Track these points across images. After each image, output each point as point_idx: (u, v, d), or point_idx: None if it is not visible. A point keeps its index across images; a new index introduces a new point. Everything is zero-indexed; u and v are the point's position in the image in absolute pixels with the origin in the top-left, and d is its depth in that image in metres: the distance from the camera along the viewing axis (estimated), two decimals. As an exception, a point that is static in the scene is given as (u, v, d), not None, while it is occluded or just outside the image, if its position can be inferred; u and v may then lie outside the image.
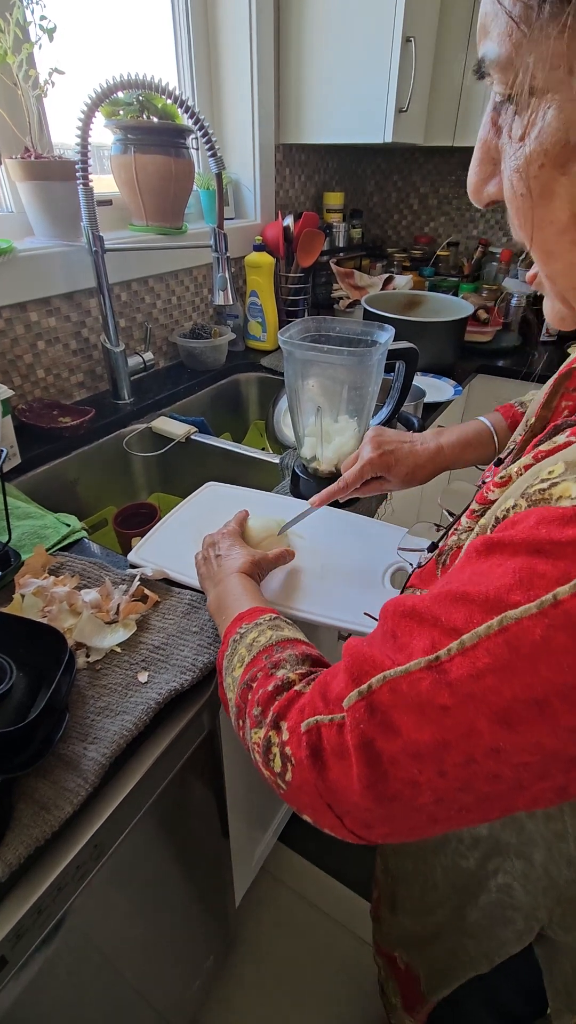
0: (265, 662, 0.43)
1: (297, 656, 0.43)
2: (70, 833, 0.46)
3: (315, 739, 0.35)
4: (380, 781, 0.31)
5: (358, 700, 0.32)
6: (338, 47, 1.36)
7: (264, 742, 0.38)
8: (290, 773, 0.36)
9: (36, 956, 0.47)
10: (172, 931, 0.76)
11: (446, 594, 0.31)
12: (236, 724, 0.44)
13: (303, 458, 0.86)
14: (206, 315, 1.47)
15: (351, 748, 0.32)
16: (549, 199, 0.28)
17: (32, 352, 1.06)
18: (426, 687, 0.29)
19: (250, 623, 0.49)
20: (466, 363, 1.53)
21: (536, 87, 0.26)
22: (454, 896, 0.57)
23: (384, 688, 0.31)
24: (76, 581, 0.65)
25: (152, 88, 0.91)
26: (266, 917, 1.15)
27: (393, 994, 0.78)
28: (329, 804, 0.35)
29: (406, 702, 0.30)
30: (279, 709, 0.39)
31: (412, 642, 0.31)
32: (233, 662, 0.46)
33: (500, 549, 0.30)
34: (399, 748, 0.30)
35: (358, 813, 0.33)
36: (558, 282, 0.33)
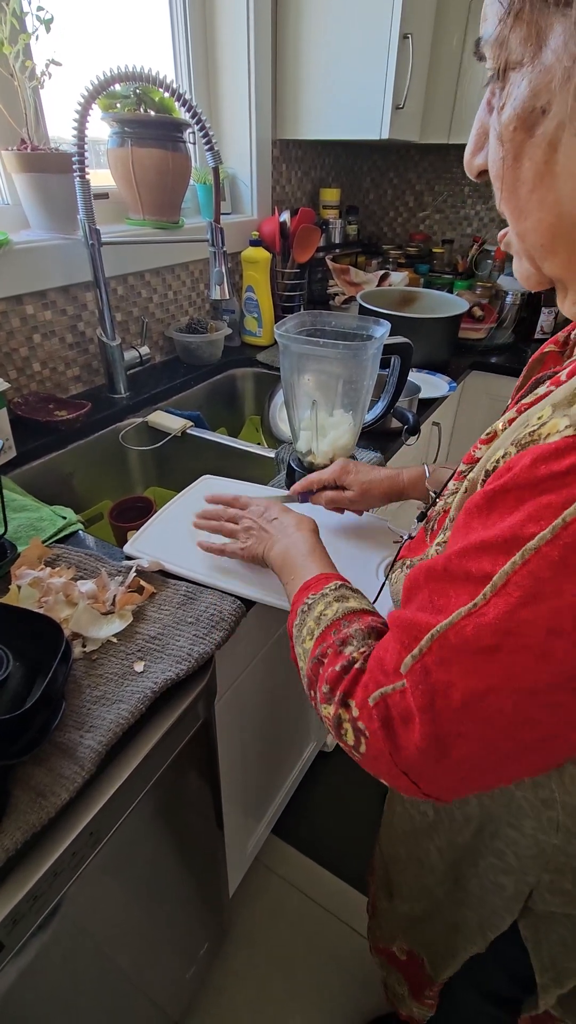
0: (333, 638, 0.45)
1: (363, 631, 0.45)
2: (66, 820, 0.46)
3: (383, 710, 0.36)
4: (442, 739, 0.33)
5: (413, 663, 0.34)
6: (335, 43, 1.36)
7: (335, 719, 0.41)
8: (364, 745, 0.38)
9: (32, 942, 0.48)
10: (167, 920, 0.77)
11: (467, 547, 0.32)
12: (308, 693, 0.47)
13: (298, 452, 0.86)
14: (202, 310, 1.47)
15: (415, 710, 0.34)
16: (520, 160, 0.32)
17: (28, 345, 1.05)
18: (470, 633, 0.31)
19: (316, 593, 0.50)
20: (460, 360, 1.54)
21: (512, 61, 0.30)
22: (452, 872, 0.58)
23: (434, 646, 0.33)
24: (72, 572, 0.66)
25: (149, 81, 0.91)
26: (260, 907, 1.16)
27: (398, 984, 0.79)
28: (404, 771, 0.36)
29: (455, 653, 0.32)
30: (345, 687, 0.41)
31: (450, 598, 0.33)
32: (303, 633, 0.48)
33: (503, 496, 0.31)
34: (457, 702, 0.32)
35: (431, 773, 0.35)
36: (527, 239, 0.35)
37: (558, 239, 0.34)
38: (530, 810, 0.47)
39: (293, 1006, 1.04)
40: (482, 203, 1.93)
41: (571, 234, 0.33)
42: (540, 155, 0.31)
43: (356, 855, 1.24)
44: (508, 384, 1.54)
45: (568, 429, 0.29)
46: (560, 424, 0.30)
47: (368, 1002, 1.04)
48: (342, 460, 0.75)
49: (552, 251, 0.35)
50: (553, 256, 0.35)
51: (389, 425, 1.04)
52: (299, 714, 1.14)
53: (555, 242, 0.34)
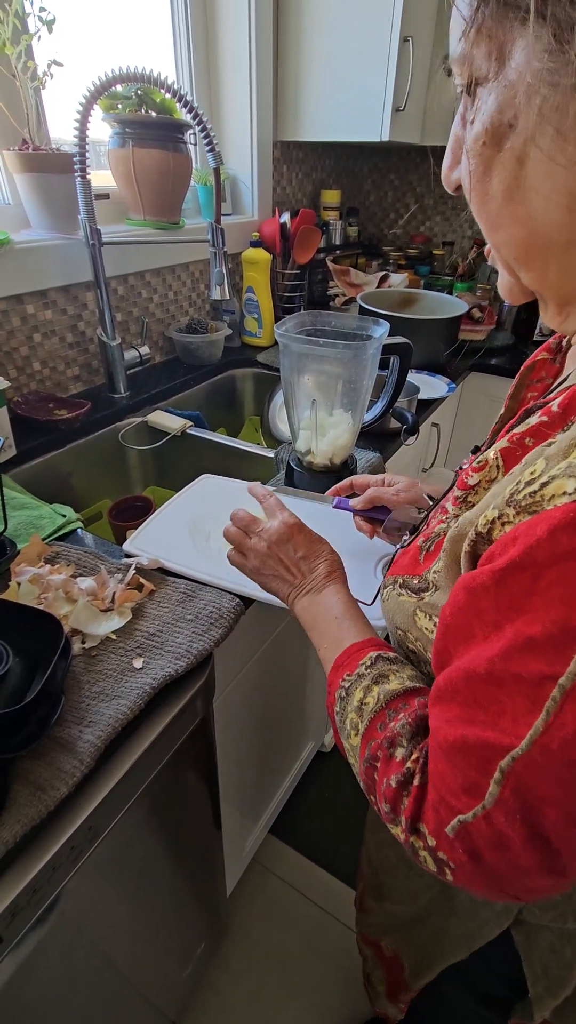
0: (380, 735, 0.41)
1: (410, 726, 0.40)
2: (65, 814, 0.46)
3: (467, 841, 0.33)
4: (555, 858, 0.30)
5: (500, 790, 0.30)
6: (336, 45, 1.37)
7: (407, 844, 0.37)
8: (450, 875, 0.35)
9: (30, 936, 0.48)
10: (164, 918, 0.77)
11: (508, 649, 0.29)
12: (368, 797, 0.43)
13: (298, 451, 0.87)
14: (202, 310, 1.48)
15: (513, 835, 0.31)
16: (490, 174, 0.32)
17: (28, 345, 1.06)
18: (557, 748, 0.28)
19: (352, 673, 0.45)
20: (460, 361, 1.54)
21: (479, 77, 0.30)
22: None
23: (518, 767, 0.30)
24: (72, 570, 0.66)
25: (151, 82, 0.92)
26: (257, 907, 1.16)
27: (379, 982, 0.80)
28: (503, 890, 0.34)
29: (546, 772, 0.29)
30: (411, 813, 0.37)
31: (503, 705, 0.30)
32: (346, 726, 0.44)
33: (517, 574, 0.29)
34: (559, 820, 0.29)
35: (538, 886, 0.33)
36: (503, 251, 0.35)
37: (532, 252, 0.34)
38: None
39: (290, 1005, 1.04)
40: (482, 205, 1.94)
41: (544, 249, 0.33)
42: (508, 170, 0.31)
43: (354, 855, 1.24)
44: (507, 385, 1.54)
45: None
46: (568, 486, 0.28)
47: (365, 1001, 1.04)
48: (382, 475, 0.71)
49: (527, 264, 0.35)
50: (528, 269, 0.35)
51: (388, 425, 1.05)
52: (297, 713, 1.14)
53: (529, 255, 0.34)
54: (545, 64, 0.27)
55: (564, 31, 0.26)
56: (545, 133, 0.28)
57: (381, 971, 0.78)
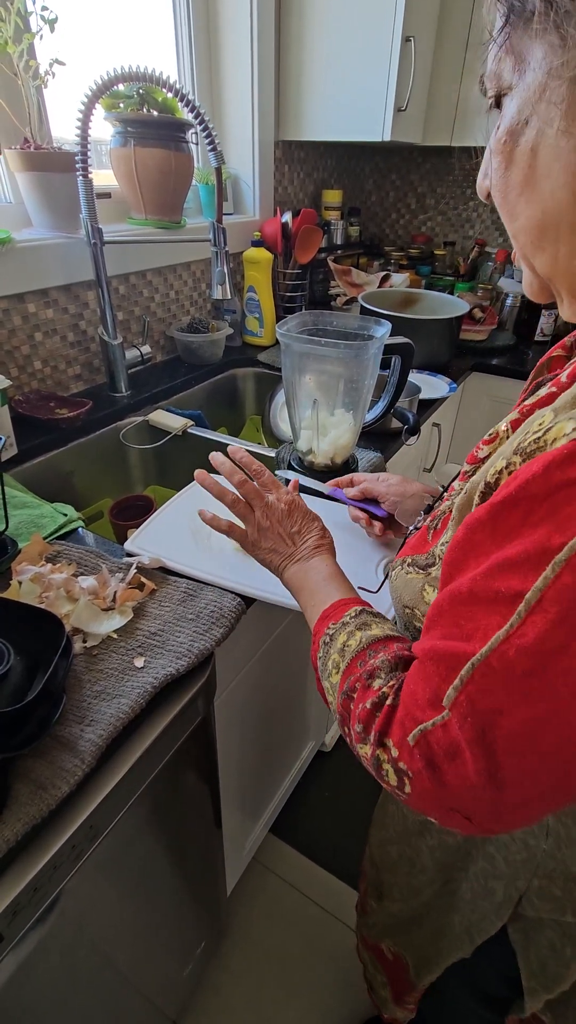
0: (360, 670, 0.43)
1: (390, 661, 0.42)
2: (66, 813, 0.46)
3: (425, 748, 0.35)
4: (498, 769, 0.31)
5: (457, 695, 0.32)
6: (338, 45, 1.36)
7: (373, 760, 0.39)
8: (408, 786, 0.36)
9: (31, 935, 0.48)
10: (164, 917, 0.77)
11: (491, 567, 0.31)
12: (342, 730, 0.45)
13: (299, 451, 0.87)
14: (204, 310, 1.48)
15: (464, 744, 0.32)
16: (510, 168, 0.36)
17: (30, 343, 1.06)
18: (513, 656, 0.29)
19: (337, 622, 0.48)
20: (461, 361, 1.54)
21: (505, 88, 0.35)
22: (442, 873, 0.58)
23: (476, 675, 0.31)
24: (73, 569, 0.66)
25: (153, 81, 0.92)
26: (257, 906, 1.16)
27: (382, 987, 0.79)
28: (453, 808, 0.35)
29: (500, 680, 0.30)
30: (380, 727, 0.39)
31: (479, 621, 0.32)
32: (328, 666, 0.46)
33: (511, 508, 0.30)
34: (508, 730, 0.30)
35: (484, 807, 0.33)
36: (520, 239, 0.38)
37: (544, 235, 0.36)
38: None
39: (290, 1005, 1.04)
40: (483, 206, 1.94)
41: (555, 230, 0.35)
42: (525, 160, 0.34)
43: (354, 855, 1.24)
44: (508, 385, 1.55)
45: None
46: (567, 427, 0.29)
47: (364, 1000, 1.04)
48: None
49: (540, 247, 0.37)
50: (541, 252, 0.37)
51: (389, 425, 1.05)
52: (298, 713, 1.14)
53: (542, 238, 0.36)
54: (553, 63, 0.30)
55: (565, 29, 0.29)
56: (552, 119, 0.32)
57: (383, 975, 0.78)
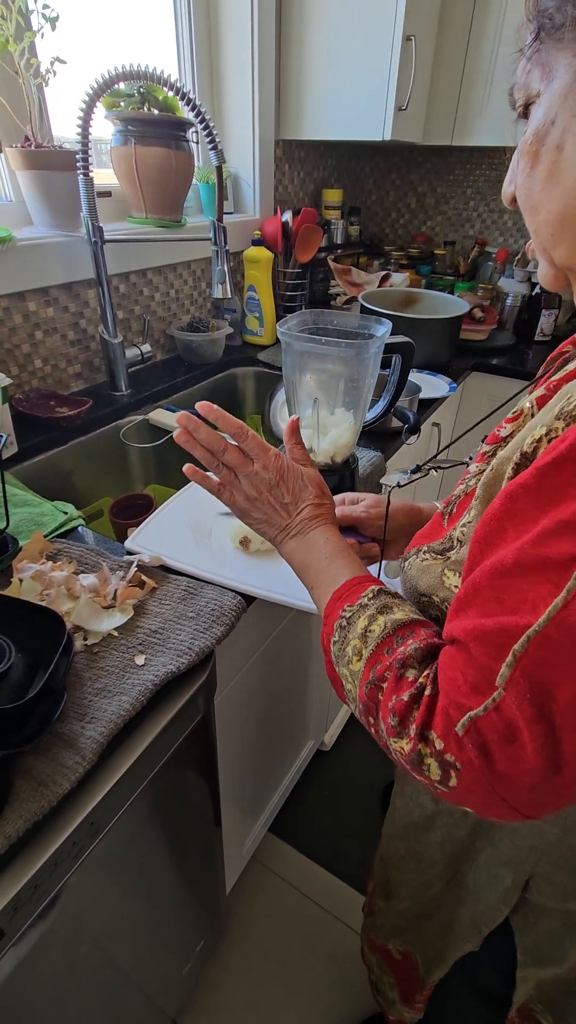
0: (388, 658, 0.40)
1: (423, 650, 0.40)
2: (67, 810, 0.47)
3: (476, 737, 0.33)
4: (557, 747, 0.30)
5: (511, 672, 0.31)
6: (339, 44, 1.37)
7: (413, 755, 0.37)
8: (455, 779, 0.35)
9: (31, 931, 0.48)
10: (163, 915, 0.77)
11: (539, 535, 0.30)
12: (364, 720, 0.42)
13: (299, 450, 0.87)
14: (204, 309, 1.48)
15: (522, 724, 0.31)
16: (535, 167, 0.37)
17: (30, 342, 1.06)
18: (574, 621, 0.28)
19: (354, 604, 0.45)
20: (461, 361, 1.54)
21: (532, 96, 0.37)
22: (450, 867, 0.58)
23: (531, 648, 0.30)
24: (74, 566, 0.66)
25: (154, 79, 0.92)
26: (256, 904, 1.16)
27: (389, 988, 0.79)
28: (503, 797, 0.34)
29: (561, 649, 0.29)
30: (422, 720, 0.36)
31: (526, 592, 0.30)
32: (347, 652, 0.43)
33: (559, 470, 0.29)
34: (565, 704, 0.29)
35: (534, 792, 0.33)
36: (540, 232, 0.39)
37: (564, 227, 0.37)
38: None
39: (289, 1003, 1.04)
40: (484, 205, 1.94)
41: (574, 221, 0.37)
42: (550, 157, 0.36)
43: (353, 854, 1.24)
44: (508, 385, 1.55)
45: None
46: None
47: (363, 1000, 1.04)
48: None
49: (559, 239, 0.38)
50: (560, 244, 0.38)
51: (389, 424, 1.05)
52: (297, 712, 1.14)
53: (562, 230, 0.38)
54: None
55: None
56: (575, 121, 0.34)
57: (390, 976, 0.78)
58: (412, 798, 0.60)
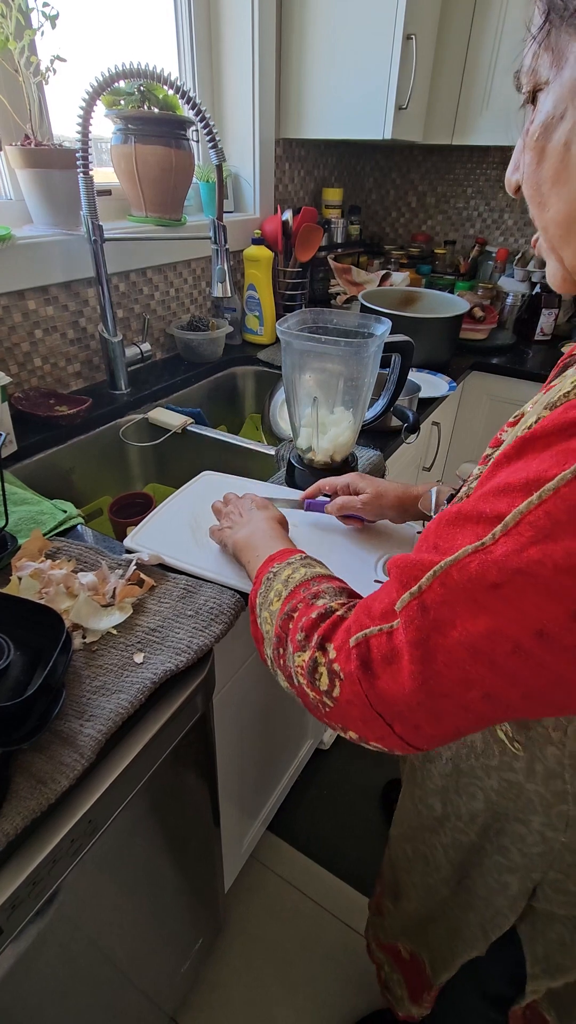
0: (304, 593, 0.45)
1: (335, 588, 0.45)
2: (66, 807, 0.47)
3: (364, 651, 0.36)
4: (432, 677, 0.32)
5: (410, 600, 0.33)
6: (339, 43, 1.36)
7: (310, 663, 0.40)
8: (338, 688, 0.38)
9: (29, 928, 0.48)
10: (162, 913, 0.77)
11: (487, 491, 0.32)
12: (275, 654, 0.45)
13: (299, 448, 0.87)
14: (204, 308, 1.48)
15: (404, 648, 0.33)
16: (542, 161, 0.36)
17: (29, 340, 1.06)
18: (475, 568, 0.30)
19: (282, 562, 0.51)
20: (461, 360, 1.54)
21: (541, 84, 0.35)
22: (457, 872, 0.58)
23: (435, 583, 0.32)
24: (73, 565, 0.66)
25: (154, 78, 0.91)
26: (255, 903, 1.16)
27: (398, 986, 0.79)
28: (380, 712, 0.36)
29: (457, 590, 0.31)
30: (324, 631, 0.40)
31: (456, 539, 0.32)
32: (269, 597, 0.48)
33: (532, 443, 0.31)
34: (454, 641, 0.31)
35: (409, 715, 0.35)
36: (549, 230, 0.38)
37: (573, 228, 0.37)
38: (540, 804, 0.47)
39: (287, 1002, 1.04)
40: (484, 205, 1.94)
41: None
42: (557, 155, 0.35)
43: (352, 852, 1.24)
44: (508, 384, 1.55)
45: None
46: None
47: (362, 999, 1.04)
48: (357, 472, 0.75)
49: (569, 240, 0.37)
50: (569, 245, 0.38)
51: (389, 423, 1.05)
52: (296, 711, 1.14)
53: (571, 231, 0.37)
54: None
55: None
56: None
57: (399, 975, 0.78)
58: (420, 800, 0.60)
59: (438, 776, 0.56)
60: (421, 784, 0.59)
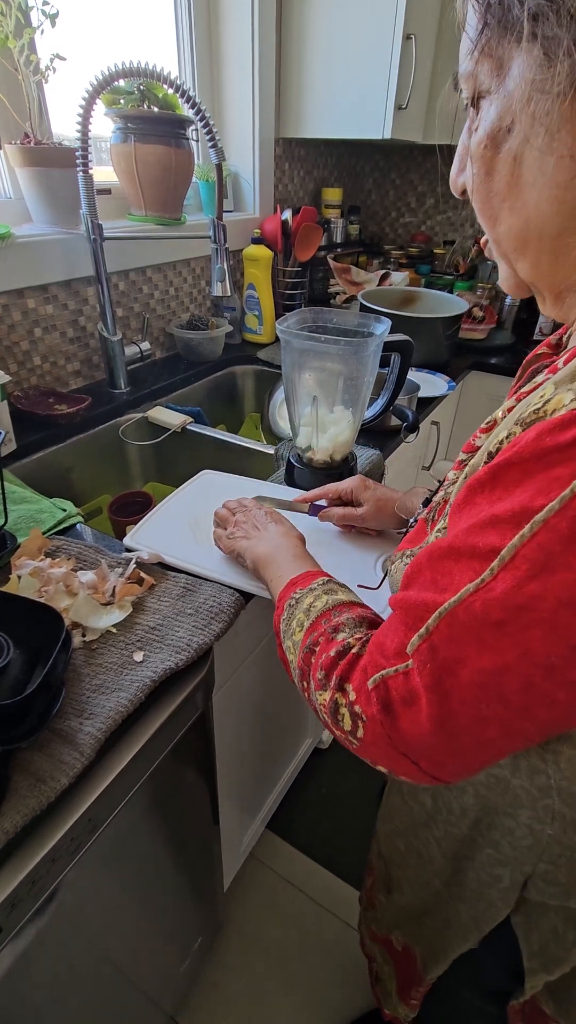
0: (324, 626, 0.45)
1: (355, 619, 0.45)
2: (65, 806, 0.47)
3: (383, 693, 0.36)
4: (450, 718, 0.33)
5: (420, 643, 0.34)
6: (339, 43, 1.36)
7: (331, 704, 0.41)
8: (361, 730, 0.38)
9: (29, 927, 0.48)
10: (161, 911, 0.77)
11: (474, 524, 0.32)
12: (300, 685, 0.46)
13: (298, 447, 0.87)
14: (203, 307, 1.48)
15: (421, 690, 0.34)
16: (492, 175, 0.35)
17: (29, 339, 1.06)
18: (479, 608, 0.31)
19: (304, 588, 0.50)
20: (460, 360, 1.54)
21: (482, 90, 0.34)
22: (449, 865, 0.58)
23: (442, 624, 0.33)
24: (72, 563, 0.66)
25: (154, 77, 0.91)
26: (254, 902, 1.16)
27: (389, 979, 0.79)
28: (404, 753, 0.36)
29: (464, 630, 0.32)
30: (342, 672, 0.41)
31: (454, 576, 0.32)
32: (292, 626, 0.48)
33: (506, 470, 0.31)
34: (465, 681, 0.32)
35: (432, 754, 0.35)
36: (503, 244, 0.38)
37: (527, 243, 0.36)
38: (526, 799, 0.48)
39: (286, 1001, 1.04)
40: (483, 205, 1.94)
41: (538, 238, 0.36)
42: (507, 168, 0.34)
43: (351, 851, 1.24)
44: (507, 384, 1.55)
45: (574, 403, 0.29)
46: (566, 399, 0.30)
47: (360, 998, 1.04)
48: (360, 476, 0.75)
49: (522, 254, 0.37)
50: (523, 259, 0.38)
51: (388, 423, 1.05)
52: (296, 710, 1.14)
53: (525, 245, 0.37)
54: (537, 75, 0.30)
55: (552, 47, 0.29)
56: (537, 133, 0.32)
57: (391, 967, 0.78)
58: (410, 796, 0.61)
59: None
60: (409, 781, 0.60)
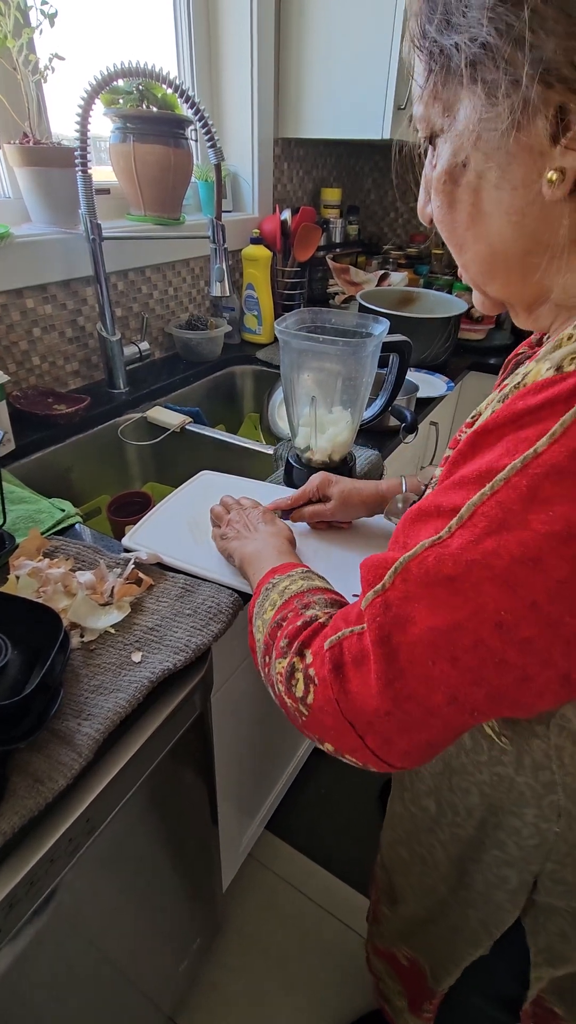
0: (296, 604, 0.46)
1: (326, 599, 0.46)
2: (63, 806, 0.47)
3: (337, 653, 0.37)
4: (397, 678, 0.33)
5: (374, 598, 0.34)
6: (338, 42, 1.36)
7: (288, 669, 0.41)
8: (312, 694, 0.38)
9: (27, 928, 0.48)
10: (160, 912, 0.77)
11: (446, 486, 0.32)
12: (262, 662, 0.46)
13: (297, 448, 0.87)
14: (202, 307, 1.48)
15: (369, 647, 0.33)
16: (454, 205, 0.38)
17: (28, 339, 1.06)
18: (432, 563, 0.30)
19: (283, 574, 0.51)
20: (459, 360, 1.54)
21: (436, 130, 0.36)
22: (454, 869, 0.58)
23: (396, 579, 0.33)
24: (71, 564, 0.66)
25: (153, 77, 0.91)
26: (253, 902, 1.16)
27: (397, 996, 0.79)
28: (351, 721, 0.36)
29: (416, 585, 0.31)
30: (304, 638, 0.41)
31: (419, 534, 0.33)
32: (264, 606, 0.49)
33: (484, 437, 0.31)
34: (414, 637, 0.32)
35: (378, 725, 0.35)
36: (470, 269, 0.40)
37: (494, 267, 0.38)
38: (531, 796, 0.47)
39: (285, 1001, 1.04)
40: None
41: (504, 261, 0.37)
42: (468, 199, 0.36)
43: (350, 852, 1.24)
44: (506, 385, 1.55)
45: (549, 371, 0.30)
46: (542, 369, 0.31)
47: (360, 998, 1.04)
48: (321, 473, 0.75)
49: (491, 277, 0.39)
50: (492, 281, 0.40)
51: (387, 423, 1.05)
52: (294, 710, 1.14)
53: (492, 270, 0.39)
54: (482, 115, 0.32)
55: (492, 89, 0.31)
56: (490, 167, 0.34)
57: (398, 983, 0.77)
58: (412, 802, 0.60)
59: (428, 776, 0.56)
60: (411, 786, 0.60)
